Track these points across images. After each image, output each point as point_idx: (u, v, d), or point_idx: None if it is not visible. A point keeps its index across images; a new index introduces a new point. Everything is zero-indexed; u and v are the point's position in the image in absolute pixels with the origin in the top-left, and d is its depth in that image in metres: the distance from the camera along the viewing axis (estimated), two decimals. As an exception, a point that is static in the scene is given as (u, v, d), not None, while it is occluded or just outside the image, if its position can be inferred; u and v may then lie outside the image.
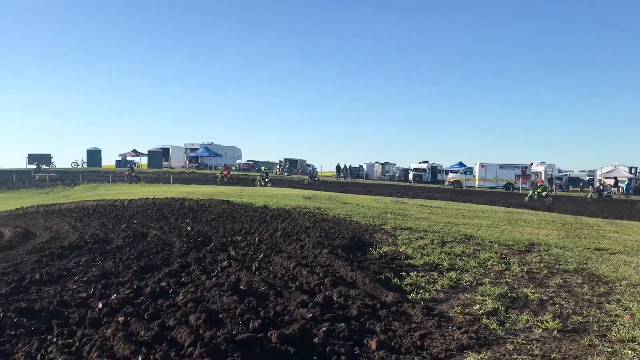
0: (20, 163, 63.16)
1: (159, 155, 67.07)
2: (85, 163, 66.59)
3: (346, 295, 6.22)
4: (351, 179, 59.94)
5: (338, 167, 61.74)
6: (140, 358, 4.20)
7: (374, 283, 6.90)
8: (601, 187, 41.14)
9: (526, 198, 32.42)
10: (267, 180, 39.66)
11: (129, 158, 69.97)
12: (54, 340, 4.97)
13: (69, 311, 6.10)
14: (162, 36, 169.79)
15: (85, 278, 7.99)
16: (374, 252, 9.55)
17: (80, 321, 5.61)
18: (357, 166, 69.03)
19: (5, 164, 53.34)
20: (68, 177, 47.34)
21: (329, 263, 8.21)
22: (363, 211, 16.76)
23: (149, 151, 68.71)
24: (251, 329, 4.90)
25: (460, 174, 54.42)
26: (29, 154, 63.97)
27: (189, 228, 13.29)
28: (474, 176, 50.46)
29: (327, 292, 6.37)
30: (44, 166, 62.01)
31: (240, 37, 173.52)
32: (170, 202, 20.52)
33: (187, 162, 66.59)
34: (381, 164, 72.47)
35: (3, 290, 7.20)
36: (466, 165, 60.71)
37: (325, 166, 77.01)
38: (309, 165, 73.18)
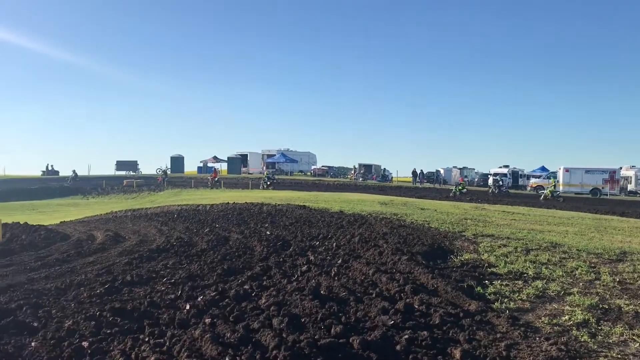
0: (110, 170, 66.82)
1: (238, 162, 69.14)
2: (169, 169, 69.46)
3: (427, 303, 6.14)
4: (429, 184, 59.11)
5: (414, 172, 61.00)
6: (227, 359, 4.34)
7: (456, 291, 6.77)
8: (500, 182, 44.31)
9: (450, 194, 37.18)
10: (269, 183, 40.62)
11: (209, 164, 72.56)
12: (146, 339, 5.20)
13: (159, 312, 6.38)
14: (240, 47, 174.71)
15: (172, 280, 8.32)
16: (455, 260, 9.36)
17: (169, 322, 5.85)
18: (434, 171, 67.89)
19: (96, 170, 56.67)
20: (153, 183, 49.77)
21: (409, 270, 8.13)
22: (442, 217, 16.46)
23: (228, 158, 71.01)
24: (333, 334, 4.94)
25: (543, 178, 52.42)
26: (117, 161, 67.57)
27: (268, 232, 13.57)
28: (557, 181, 48.29)
29: (407, 300, 6.31)
30: (131, 172, 65.42)
31: (317, 44, 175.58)
32: (250, 206, 21.07)
33: (265, 168, 68.10)
34: (459, 168, 70.92)
35: (98, 291, 7.63)
36: (549, 169, 58.29)
37: (401, 171, 76.07)
38: (384, 170, 72.84)
